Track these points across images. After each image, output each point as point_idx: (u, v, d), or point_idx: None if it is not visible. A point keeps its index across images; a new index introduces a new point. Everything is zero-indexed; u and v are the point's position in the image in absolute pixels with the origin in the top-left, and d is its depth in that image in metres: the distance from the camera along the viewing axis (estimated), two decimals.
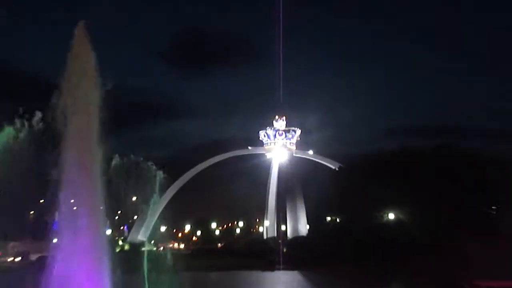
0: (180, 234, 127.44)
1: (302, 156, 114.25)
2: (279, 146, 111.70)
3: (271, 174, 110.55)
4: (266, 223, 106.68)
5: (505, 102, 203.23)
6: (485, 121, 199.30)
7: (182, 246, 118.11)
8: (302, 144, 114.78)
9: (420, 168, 75.18)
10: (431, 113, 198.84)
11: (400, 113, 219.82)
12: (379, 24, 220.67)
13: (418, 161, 77.67)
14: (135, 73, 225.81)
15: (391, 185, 72.82)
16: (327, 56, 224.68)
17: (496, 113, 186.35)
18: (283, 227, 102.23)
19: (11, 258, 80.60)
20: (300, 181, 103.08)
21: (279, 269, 72.20)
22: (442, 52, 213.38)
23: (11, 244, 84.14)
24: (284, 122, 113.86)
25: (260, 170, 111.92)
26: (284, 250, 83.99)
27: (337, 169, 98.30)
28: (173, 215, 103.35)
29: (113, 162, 32.05)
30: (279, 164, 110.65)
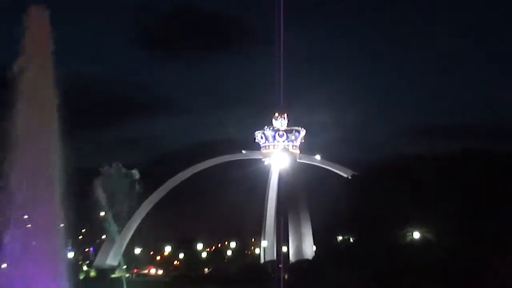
0: (158, 257, 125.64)
1: (308, 162, 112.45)
2: (279, 150, 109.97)
3: (269, 183, 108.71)
4: (264, 243, 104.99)
5: None
6: None
7: (160, 272, 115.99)
8: (307, 148, 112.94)
9: (450, 176, 73.08)
10: (452, 112, 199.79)
11: (419, 113, 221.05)
12: (389, 19, 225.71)
13: (446, 167, 75.97)
14: (104, 61, 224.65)
15: (415, 196, 71.68)
16: (333, 50, 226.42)
17: None
18: (284, 249, 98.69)
19: None
20: (305, 192, 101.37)
21: None
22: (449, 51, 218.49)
23: None
24: (286, 121, 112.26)
25: (256, 179, 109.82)
26: (286, 276, 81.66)
27: (349, 177, 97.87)
28: (150, 234, 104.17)
29: (77, 170, 31.66)
30: (279, 172, 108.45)
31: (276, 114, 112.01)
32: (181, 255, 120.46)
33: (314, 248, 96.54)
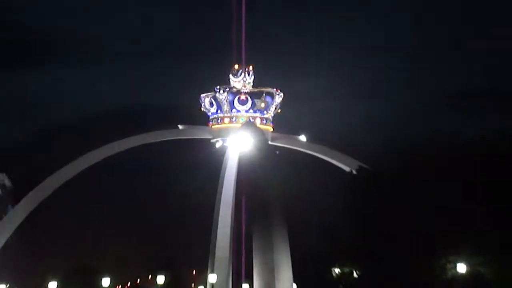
0: None
1: (287, 146, 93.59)
2: (240, 125, 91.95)
3: (222, 181, 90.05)
4: (212, 278, 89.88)
5: None
6: None
7: None
8: (285, 123, 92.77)
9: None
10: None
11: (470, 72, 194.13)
12: None
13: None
14: None
15: (464, 206, 67.33)
16: None
17: None
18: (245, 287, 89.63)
19: None
20: (281, 196, 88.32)
21: None
22: None
23: None
24: (251, 78, 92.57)
25: (201, 172, 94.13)
26: None
27: (354, 172, 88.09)
28: (24, 260, 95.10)
29: None
30: (240, 161, 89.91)
31: (236, 67, 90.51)
32: None
33: (295, 286, 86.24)
